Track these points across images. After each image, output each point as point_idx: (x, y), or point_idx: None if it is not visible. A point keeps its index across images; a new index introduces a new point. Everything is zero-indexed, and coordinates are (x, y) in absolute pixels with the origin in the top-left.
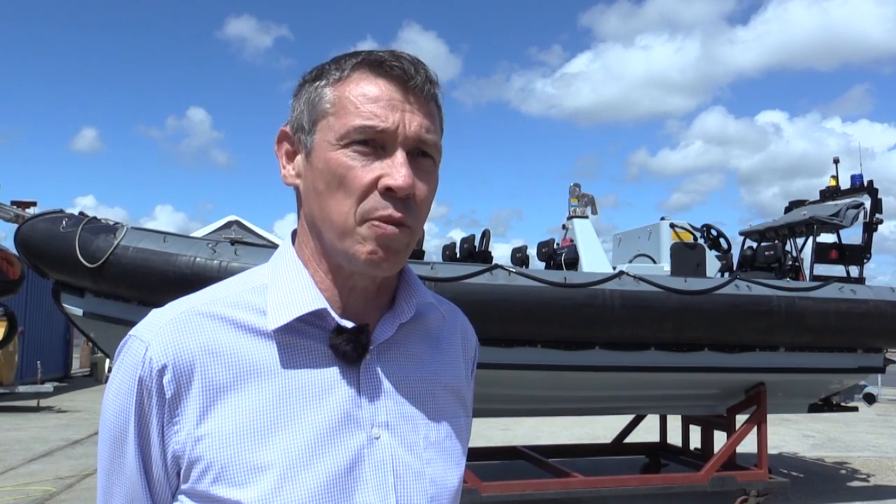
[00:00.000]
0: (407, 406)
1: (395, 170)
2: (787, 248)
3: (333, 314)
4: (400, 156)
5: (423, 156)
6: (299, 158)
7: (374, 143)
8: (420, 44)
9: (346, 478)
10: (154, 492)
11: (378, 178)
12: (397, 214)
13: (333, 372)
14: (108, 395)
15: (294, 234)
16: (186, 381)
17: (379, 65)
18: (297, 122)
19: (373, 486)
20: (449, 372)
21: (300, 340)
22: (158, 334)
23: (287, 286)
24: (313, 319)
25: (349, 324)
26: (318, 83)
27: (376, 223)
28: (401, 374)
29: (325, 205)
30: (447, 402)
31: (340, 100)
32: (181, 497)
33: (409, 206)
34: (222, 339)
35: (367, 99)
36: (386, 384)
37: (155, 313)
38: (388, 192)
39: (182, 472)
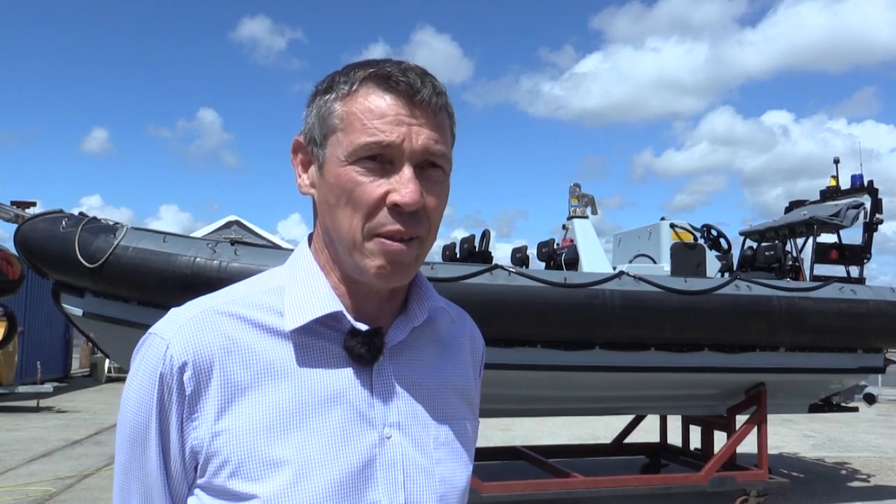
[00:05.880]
0: (418, 407)
1: (403, 186)
2: (788, 248)
3: (348, 317)
4: (407, 171)
5: (432, 167)
6: (313, 169)
7: (382, 159)
8: (433, 46)
9: (358, 476)
10: (172, 486)
11: (386, 194)
12: (404, 229)
13: (347, 373)
14: (129, 391)
15: (310, 237)
16: (206, 378)
17: (385, 79)
18: (310, 134)
19: (383, 484)
20: (458, 375)
21: (316, 341)
22: (179, 332)
23: (304, 289)
24: (329, 321)
25: (363, 326)
26: (328, 96)
27: (383, 240)
28: (412, 376)
29: (336, 218)
30: (456, 405)
31: (348, 115)
32: (198, 491)
33: (418, 219)
34: (241, 337)
35: (374, 115)
36: (398, 386)
37: (174, 312)
38: (396, 208)
39: (199, 466)
